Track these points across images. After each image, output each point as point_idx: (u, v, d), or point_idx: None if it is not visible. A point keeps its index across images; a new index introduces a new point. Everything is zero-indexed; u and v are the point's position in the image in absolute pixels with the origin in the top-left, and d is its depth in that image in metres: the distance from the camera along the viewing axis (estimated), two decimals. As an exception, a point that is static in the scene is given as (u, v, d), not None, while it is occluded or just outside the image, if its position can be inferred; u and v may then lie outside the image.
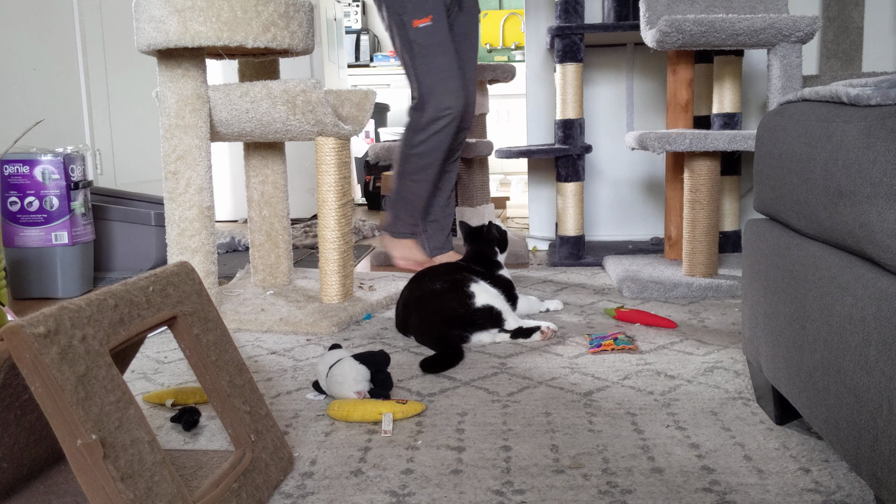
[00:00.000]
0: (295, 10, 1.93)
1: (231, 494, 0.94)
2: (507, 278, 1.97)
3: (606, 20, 2.83)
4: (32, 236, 2.39)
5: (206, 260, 1.97)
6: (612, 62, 3.09)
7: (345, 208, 2.07)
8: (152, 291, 0.95)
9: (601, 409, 1.34)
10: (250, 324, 1.97)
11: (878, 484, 0.83)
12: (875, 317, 0.82)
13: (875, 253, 0.81)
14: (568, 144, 2.75)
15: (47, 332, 0.75)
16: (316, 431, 1.27)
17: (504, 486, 1.06)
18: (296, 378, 1.56)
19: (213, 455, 1.12)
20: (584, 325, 1.91)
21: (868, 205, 0.81)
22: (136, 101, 3.66)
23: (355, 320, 2.01)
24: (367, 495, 1.04)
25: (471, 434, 1.24)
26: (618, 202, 3.17)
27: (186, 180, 1.93)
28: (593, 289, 2.35)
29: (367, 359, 1.40)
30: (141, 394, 1.48)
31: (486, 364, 1.61)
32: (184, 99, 1.91)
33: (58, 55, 3.22)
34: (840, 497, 1.00)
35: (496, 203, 4.24)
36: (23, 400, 0.93)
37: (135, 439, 0.80)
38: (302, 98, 1.90)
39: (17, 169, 2.36)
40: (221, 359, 1.04)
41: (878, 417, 0.81)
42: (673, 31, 2.11)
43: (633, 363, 1.59)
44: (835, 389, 0.91)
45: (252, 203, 2.31)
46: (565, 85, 2.73)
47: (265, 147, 2.28)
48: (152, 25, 1.82)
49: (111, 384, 0.80)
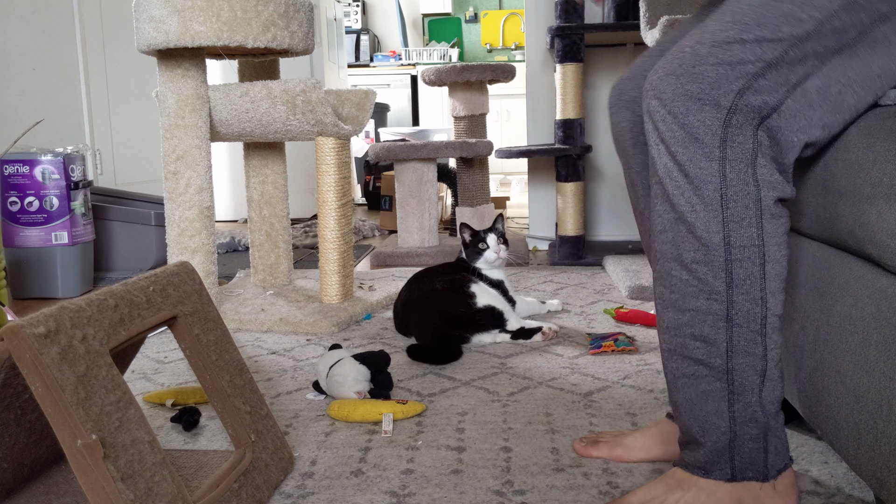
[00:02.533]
0: (295, 10, 1.93)
1: (231, 494, 0.94)
2: (500, 279, 1.95)
3: (606, 20, 2.82)
4: (32, 236, 2.39)
5: (206, 260, 1.97)
6: (612, 62, 3.09)
7: (345, 208, 2.07)
8: (152, 291, 0.95)
9: (601, 409, 1.34)
10: (250, 324, 1.97)
11: (878, 484, 0.83)
12: (875, 317, 0.82)
13: (875, 253, 0.81)
14: (568, 144, 2.75)
15: (47, 332, 0.75)
16: (316, 431, 1.27)
17: (504, 486, 1.06)
18: (296, 378, 1.56)
19: (213, 455, 1.12)
20: (585, 326, 1.91)
21: (868, 205, 0.81)
22: (136, 101, 3.66)
23: (355, 320, 2.01)
24: (367, 495, 1.04)
25: (471, 434, 1.24)
26: (618, 202, 3.17)
27: (186, 180, 1.93)
28: (593, 289, 2.35)
29: (367, 359, 1.40)
30: (141, 394, 1.48)
31: (486, 364, 1.61)
32: (184, 99, 1.91)
33: (58, 55, 3.22)
34: (840, 499, 1.00)
35: (496, 203, 4.24)
36: (23, 400, 0.93)
37: (135, 439, 0.80)
38: (302, 98, 1.90)
39: (17, 169, 2.36)
40: (222, 359, 1.04)
41: (877, 418, 0.81)
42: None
43: (633, 363, 1.59)
44: (834, 389, 0.91)
45: (252, 203, 2.31)
46: (565, 85, 2.73)
47: (265, 147, 2.28)
48: (152, 25, 1.82)
49: (111, 384, 0.80)
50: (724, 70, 0.85)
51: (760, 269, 0.89)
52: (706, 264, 0.90)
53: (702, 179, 0.88)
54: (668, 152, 0.89)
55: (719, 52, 0.85)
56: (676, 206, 0.90)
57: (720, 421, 0.93)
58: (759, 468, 0.93)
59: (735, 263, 0.89)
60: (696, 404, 0.94)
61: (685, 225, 0.90)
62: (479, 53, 7.03)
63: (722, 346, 0.91)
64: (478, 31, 7.02)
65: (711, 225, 0.89)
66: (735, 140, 0.87)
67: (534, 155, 2.79)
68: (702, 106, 0.86)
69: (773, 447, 0.93)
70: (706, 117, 0.86)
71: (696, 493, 0.94)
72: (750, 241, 0.89)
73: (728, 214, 0.88)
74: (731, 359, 0.91)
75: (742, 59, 0.85)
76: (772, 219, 0.89)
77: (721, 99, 0.85)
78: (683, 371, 0.94)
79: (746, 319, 0.90)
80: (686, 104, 0.87)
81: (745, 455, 0.93)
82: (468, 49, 7.03)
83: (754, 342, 0.91)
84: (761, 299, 0.90)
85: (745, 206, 0.88)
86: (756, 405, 0.92)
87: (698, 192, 0.88)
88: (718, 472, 0.94)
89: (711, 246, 0.89)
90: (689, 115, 0.87)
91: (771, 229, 0.89)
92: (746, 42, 0.84)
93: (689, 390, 0.94)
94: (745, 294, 0.90)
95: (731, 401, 0.92)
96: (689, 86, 0.86)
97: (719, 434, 0.93)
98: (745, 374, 0.91)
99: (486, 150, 3.06)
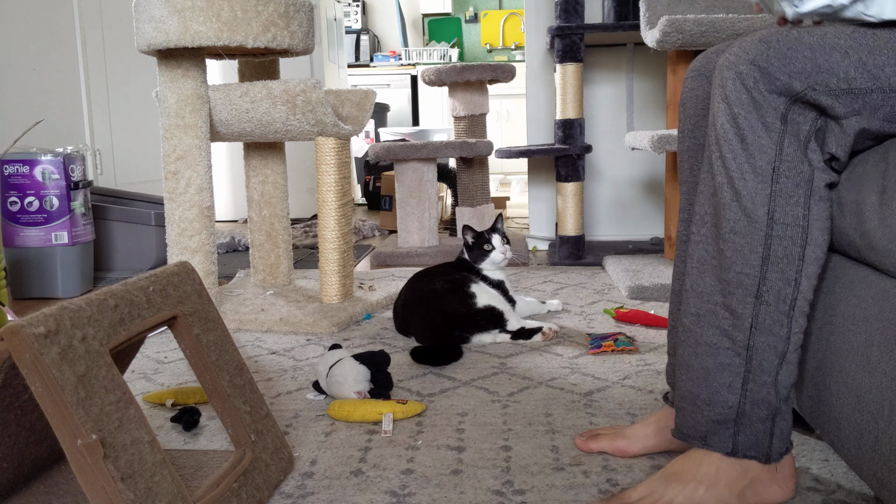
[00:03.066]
0: (295, 10, 1.93)
1: (231, 494, 0.94)
2: (500, 279, 1.94)
3: (606, 20, 2.82)
4: (32, 236, 2.39)
5: (206, 260, 1.97)
6: (612, 62, 3.09)
7: (345, 208, 2.07)
8: (152, 291, 0.95)
9: (601, 409, 1.33)
10: (250, 324, 1.97)
11: (878, 485, 0.82)
12: (878, 317, 0.82)
13: (877, 260, 0.81)
14: (568, 144, 2.75)
15: (47, 332, 0.75)
16: (316, 431, 1.27)
17: (504, 486, 1.05)
18: (296, 378, 1.56)
19: (213, 455, 1.12)
20: (585, 326, 1.90)
21: (870, 213, 0.81)
22: (136, 101, 3.66)
23: (355, 320, 2.01)
24: (367, 495, 1.04)
25: (471, 434, 1.24)
26: (618, 202, 3.17)
27: (186, 180, 1.93)
28: (593, 289, 2.35)
29: (367, 359, 1.40)
30: (141, 394, 1.48)
31: (486, 364, 1.60)
32: (184, 99, 1.91)
33: (58, 55, 3.22)
34: (840, 496, 1.00)
35: (496, 203, 4.24)
36: (23, 400, 0.93)
37: (135, 439, 0.80)
38: (302, 98, 1.90)
39: (17, 169, 2.36)
40: (221, 359, 1.04)
41: (879, 418, 0.81)
42: (673, 31, 2.11)
43: (633, 363, 1.58)
44: (836, 389, 0.91)
45: (252, 203, 2.31)
46: (565, 85, 2.73)
47: (265, 147, 2.28)
48: (152, 25, 1.82)
49: (111, 384, 0.80)
50: (812, 67, 0.84)
51: (801, 249, 0.88)
52: (745, 236, 0.89)
53: (757, 148, 0.87)
54: (730, 113, 0.88)
55: (821, 54, 0.84)
56: (728, 170, 0.89)
57: (730, 396, 0.92)
58: (763, 449, 0.93)
59: (775, 240, 0.88)
60: (710, 373, 0.93)
61: (732, 191, 0.89)
62: (479, 53, 7.03)
63: (746, 322, 0.90)
64: (478, 31, 7.02)
65: (758, 197, 0.87)
66: (796, 120, 0.86)
67: (534, 155, 2.79)
68: (773, 82, 0.85)
69: (780, 430, 0.93)
70: (775, 93, 0.86)
71: (695, 486, 0.94)
72: (795, 220, 0.87)
73: (777, 189, 0.87)
74: (754, 336, 0.90)
75: (833, 70, 0.83)
76: (819, 201, 0.88)
77: (795, 85, 0.85)
78: (706, 339, 0.94)
79: (776, 299, 0.89)
80: (761, 75, 0.86)
81: (750, 434, 0.92)
82: (468, 49, 7.03)
83: (780, 323, 0.90)
84: (795, 280, 0.89)
85: (796, 183, 0.87)
86: (770, 386, 0.91)
87: (751, 160, 0.87)
88: (718, 444, 0.94)
89: (754, 218, 0.88)
90: (759, 84, 0.86)
91: (818, 212, 0.88)
92: (849, 57, 0.83)
93: (706, 359, 0.93)
94: (780, 273, 0.88)
95: (745, 378, 0.91)
96: (774, 60, 0.85)
97: (725, 408, 0.93)
98: (765, 354, 0.91)
99: (486, 150, 3.06)
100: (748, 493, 0.94)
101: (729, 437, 0.93)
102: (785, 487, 0.95)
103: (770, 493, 0.94)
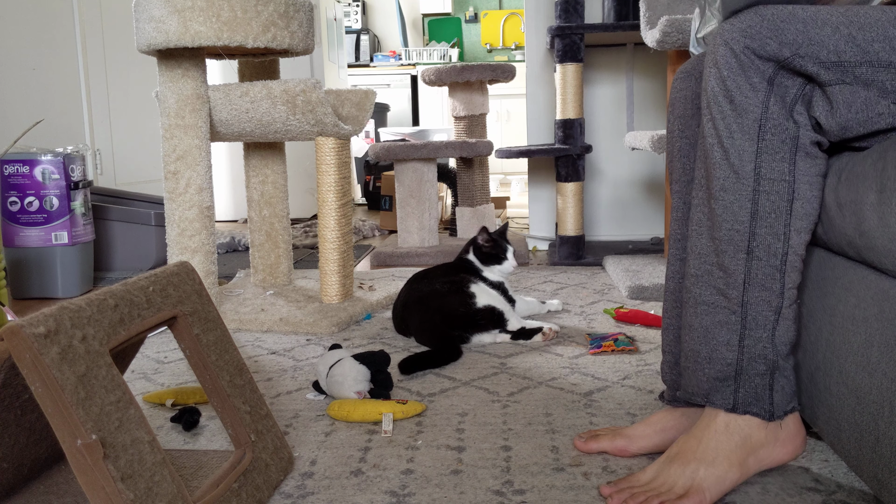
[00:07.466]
0: (295, 10, 1.93)
1: (231, 494, 0.94)
2: (500, 280, 1.95)
3: (606, 20, 2.82)
4: (32, 236, 2.39)
5: (206, 260, 1.96)
6: (612, 62, 3.09)
7: (345, 208, 2.07)
8: (152, 291, 0.95)
9: (601, 409, 1.33)
10: (250, 324, 1.97)
11: (878, 486, 0.82)
12: (877, 317, 0.82)
13: (876, 259, 0.81)
14: (568, 144, 2.75)
15: (47, 332, 0.75)
16: (316, 431, 1.27)
17: (504, 486, 1.05)
18: (296, 378, 1.56)
19: (213, 455, 1.12)
20: (585, 326, 1.91)
21: (869, 212, 0.81)
22: (136, 101, 3.66)
23: (355, 320, 2.01)
24: (367, 495, 1.04)
25: (471, 434, 1.24)
26: (618, 202, 3.17)
27: (186, 180, 1.93)
28: (593, 289, 2.35)
29: (367, 359, 1.40)
30: (141, 394, 1.48)
31: (486, 364, 1.60)
32: (184, 99, 1.91)
33: (58, 55, 3.22)
34: (840, 496, 1.00)
35: (496, 203, 4.23)
36: (23, 400, 0.93)
37: (135, 439, 0.80)
38: (302, 98, 1.90)
39: (17, 169, 2.36)
40: (221, 359, 1.04)
41: (879, 419, 0.81)
42: (673, 31, 2.11)
43: (633, 363, 1.58)
44: (836, 390, 0.91)
45: (252, 203, 2.31)
46: (565, 85, 2.73)
47: (265, 147, 2.28)
48: (152, 25, 1.82)
49: (111, 384, 0.80)
50: (803, 39, 0.86)
51: (788, 204, 0.91)
52: (733, 192, 0.92)
53: (744, 107, 0.90)
54: (719, 76, 0.91)
55: (813, 28, 0.86)
56: (717, 130, 0.92)
57: (729, 353, 0.95)
58: (765, 405, 0.95)
59: (762, 195, 0.91)
60: (709, 331, 0.97)
61: (721, 150, 0.92)
62: (479, 53, 7.03)
63: (739, 278, 0.93)
64: (478, 31, 7.02)
65: (745, 154, 0.90)
66: (783, 83, 0.89)
67: (534, 155, 2.79)
68: (763, 48, 0.87)
69: (780, 386, 0.95)
70: (763, 58, 0.88)
71: (696, 466, 0.95)
72: (780, 174, 0.90)
73: (762, 146, 0.90)
74: (747, 291, 0.93)
75: (824, 43, 0.85)
76: (806, 157, 0.90)
77: (784, 52, 0.87)
78: (704, 298, 0.97)
79: (766, 253, 0.91)
80: (751, 41, 0.88)
81: (749, 389, 0.95)
82: (468, 49, 7.03)
83: (772, 277, 0.92)
84: (784, 235, 0.91)
85: (782, 140, 0.89)
86: (767, 341, 0.94)
87: (739, 119, 0.90)
88: (720, 399, 0.96)
89: (742, 175, 0.91)
90: (747, 50, 0.88)
91: (804, 167, 0.90)
92: (839, 32, 0.85)
93: (705, 318, 0.97)
94: (768, 227, 0.91)
95: (742, 335, 0.94)
96: (765, 31, 0.87)
97: (724, 365, 0.95)
98: (760, 309, 0.93)
99: (486, 150, 3.06)
100: (750, 460, 0.96)
101: (730, 393, 0.96)
102: (789, 446, 0.98)
103: (773, 455, 0.97)
